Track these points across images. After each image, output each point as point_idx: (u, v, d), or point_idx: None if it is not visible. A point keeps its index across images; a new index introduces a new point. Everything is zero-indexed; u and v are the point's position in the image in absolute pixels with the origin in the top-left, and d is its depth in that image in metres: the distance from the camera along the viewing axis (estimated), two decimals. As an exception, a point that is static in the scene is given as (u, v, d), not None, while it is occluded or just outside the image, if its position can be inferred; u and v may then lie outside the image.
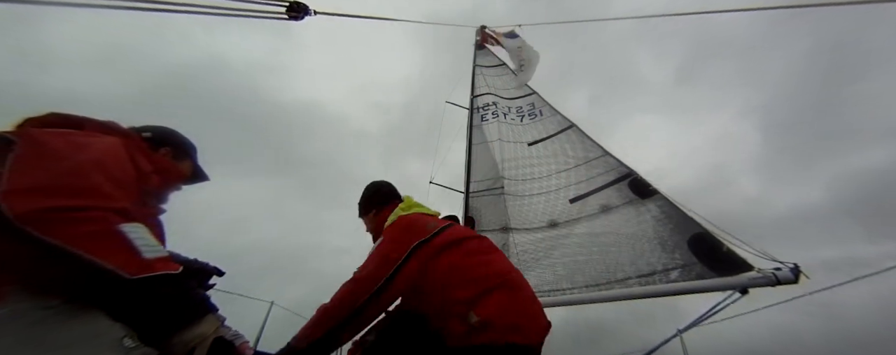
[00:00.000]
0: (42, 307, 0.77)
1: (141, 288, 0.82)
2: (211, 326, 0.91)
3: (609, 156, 4.67)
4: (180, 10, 1.84)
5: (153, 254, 0.87)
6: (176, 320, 0.87)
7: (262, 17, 2.09)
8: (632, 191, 4.09)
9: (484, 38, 7.51)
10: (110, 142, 1.02)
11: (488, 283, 1.37)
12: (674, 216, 3.41)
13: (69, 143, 0.92)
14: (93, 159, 0.91)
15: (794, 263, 2.19)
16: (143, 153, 1.15)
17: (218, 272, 1.59)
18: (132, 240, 0.84)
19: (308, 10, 2.16)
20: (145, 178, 1.10)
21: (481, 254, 1.52)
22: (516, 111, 5.96)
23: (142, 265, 0.82)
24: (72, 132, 1.00)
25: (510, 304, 1.35)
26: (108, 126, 1.13)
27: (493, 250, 1.59)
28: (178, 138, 1.42)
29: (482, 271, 1.42)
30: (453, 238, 1.50)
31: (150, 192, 1.16)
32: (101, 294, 0.82)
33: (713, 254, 2.68)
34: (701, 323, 2.68)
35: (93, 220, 0.81)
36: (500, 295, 1.35)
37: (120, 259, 0.80)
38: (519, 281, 1.48)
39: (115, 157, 0.99)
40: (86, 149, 0.93)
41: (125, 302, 0.83)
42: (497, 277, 1.41)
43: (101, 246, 0.79)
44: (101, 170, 0.91)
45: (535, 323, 1.38)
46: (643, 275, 3.06)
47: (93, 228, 0.80)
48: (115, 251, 0.81)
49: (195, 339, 0.87)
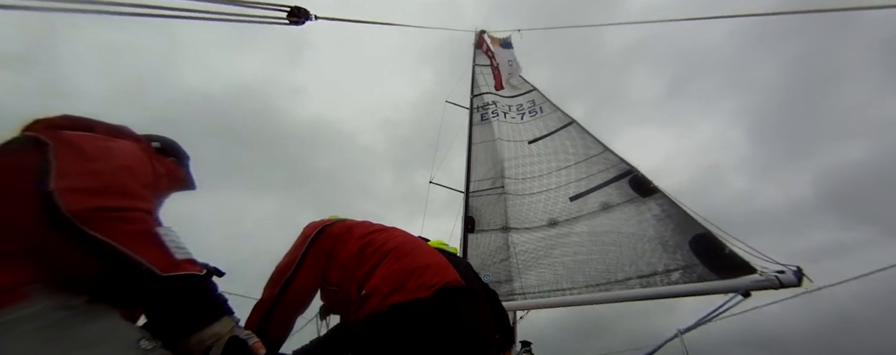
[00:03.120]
0: (63, 307, 0.78)
1: (169, 287, 0.85)
2: (227, 326, 0.94)
3: (609, 152, 4.67)
4: (181, 16, 1.82)
5: (182, 255, 0.90)
6: (197, 319, 0.90)
7: (264, 23, 2.06)
8: (632, 189, 4.09)
9: (480, 44, 7.51)
10: (129, 147, 1.08)
11: (375, 258, 1.37)
12: (675, 215, 3.40)
13: (99, 148, 0.97)
14: (125, 164, 0.97)
15: (796, 266, 2.20)
16: (156, 158, 1.19)
17: (218, 272, 1.62)
18: (165, 242, 0.88)
19: (309, 16, 2.13)
20: (159, 183, 1.15)
21: (373, 232, 1.52)
22: (516, 109, 5.95)
23: (172, 264, 0.86)
24: (96, 136, 1.03)
25: (394, 269, 1.33)
26: (119, 130, 1.15)
27: (384, 228, 1.60)
28: (180, 149, 1.45)
29: (370, 249, 1.42)
30: (345, 226, 1.54)
31: (160, 196, 1.21)
32: (131, 291, 0.86)
33: (715, 255, 2.68)
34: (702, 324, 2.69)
35: (135, 221, 0.86)
36: (386, 264, 1.35)
37: (156, 257, 0.84)
38: (410, 248, 1.46)
39: (140, 162, 1.04)
40: (116, 153, 0.99)
41: (153, 299, 0.88)
42: (384, 250, 1.40)
43: (141, 244, 0.83)
44: (132, 173, 0.97)
45: (423, 276, 1.32)
46: (644, 276, 3.06)
47: (135, 228, 0.85)
48: (152, 250, 0.85)
49: (211, 338, 0.90)
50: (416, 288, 1.26)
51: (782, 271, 2.22)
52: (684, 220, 3.25)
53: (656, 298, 2.77)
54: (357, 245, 1.45)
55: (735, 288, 2.33)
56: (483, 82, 6.67)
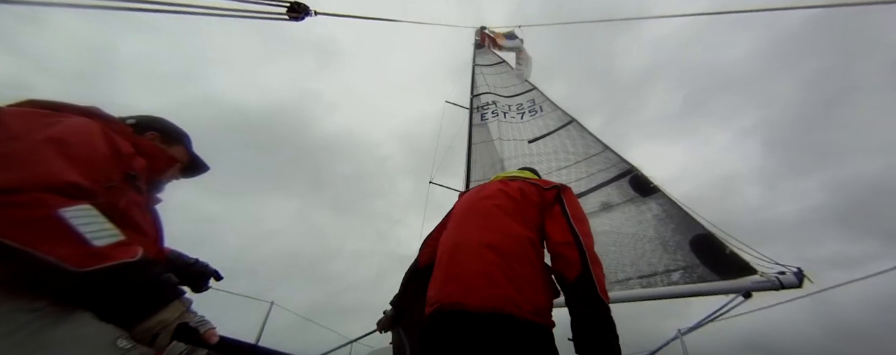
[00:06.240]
0: (26, 310, 0.71)
1: (90, 282, 0.73)
2: (174, 312, 0.85)
3: (609, 151, 4.64)
4: (181, 11, 1.81)
5: (105, 240, 0.77)
6: (137, 309, 0.79)
7: (263, 18, 2.05)
8: (633, 189, 4.06)
9: (483, 39, 7.48)
10: (81, 121, 0.95)
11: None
12: (675, 216, 3.39)
13: (35, 123, 0.85)
14: (50, 136, 0.82)
15: (797, 267, 2.19)
16: (123, 135, 1.08)
17: (216, 276, 1.59)
18: (75, 227, 0.73)
19: (309, 11, 2.12)
20: (127, 161, 1.03)
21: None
22: (516, 108, 5.93)
23: (89, 255, 0.73)
24: (48, 113, 0.92)
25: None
26: (86, 110, 1.06)
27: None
28: (164, 123, 1.35)
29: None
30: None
31: (139, 177, 1.08)
32: (55, 290, 0.74)
33: (716, 255, 2.67)
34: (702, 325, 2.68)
35: (29, 204, 0.71)
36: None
37: (63, 250, 0.70)
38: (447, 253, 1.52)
39: (80, 134, 0.90)
40: (49, 128, 0.85)
41: (80, 297, 0.75)
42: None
43: (40, 235, 0.69)
44: (57, 146, 0.82)
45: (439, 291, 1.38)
46: (644, 276, 3.05)
47: (30, 214, 0.70)
48: (57, 241, 0.70)
49: (158, 326, 0.81)
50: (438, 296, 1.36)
51: (783, 272, 2.21)
52: (685, 221, 3.23)
53: (657, 299, 2.75)
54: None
55: (736, 289, 2.32)
56: (483, 82, 6.65)
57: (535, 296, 1.27)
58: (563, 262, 1.36)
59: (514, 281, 1.26)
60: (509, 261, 1.32)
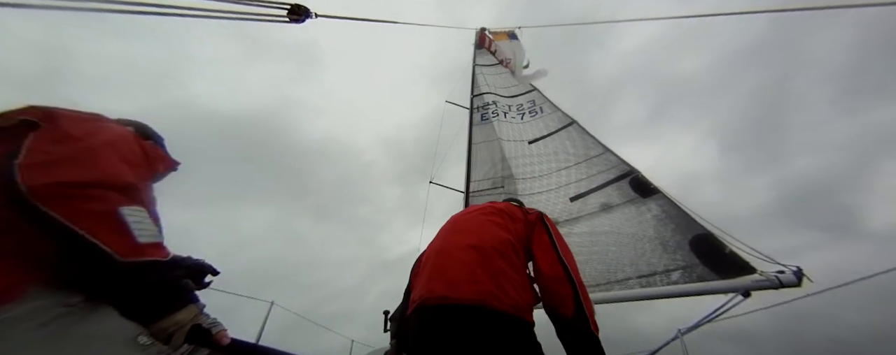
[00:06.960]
0: (61, 304, 0.77)
1: (128, 273, 0.82)
2: (190, 314, 0.91)
3: (610, 153, 4.65)
4: (181, 14, 1.82)
5: (147, 238, 0.87)
6: (158, 307, 0.87)
7: (264, 20, 2.06)
8: (633, 190, 4.07)
9: (482, 40, 7.50)
10: (120, 128, 1.06)
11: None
12: (675, 216, 3.39)
13: (89, 127, 0.95)
14: (107, 140, 0.94)
15: (796, 266, 2.20)
16: (143, 141, 1.16)
17: (213, 271, 1.61)
18: (129, 224, 0.84)
19: (310, 13, 2.13)
20: (153, 165, 1.13)
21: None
22: (516, 109, 5.94)
23: (134, 248, 0.83)
24: (91, 118, 1.02)
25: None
26: (96, 117, 1.11)
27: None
28: (154, 131, 1.42)
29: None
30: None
31: (155, 179, 1.19)
32: (91, 276, 0.82)
33: (715, 255, 2.67)
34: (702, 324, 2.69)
35: (96, 198, 0.81)
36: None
37: (115, 240, 0.80)
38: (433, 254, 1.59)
39: (124, 141, 1.01)
40: (102, 133, 0.96)
41: (113, 286, 0.83)
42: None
43: (101, 225, 0.79)
44: (114, 149, 0.93)
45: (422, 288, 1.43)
46: (644, 276, 3.05)
47: (96, 207, 0.80)
48: (112, 232, 0.81)
49: (173, 326, 0.87)
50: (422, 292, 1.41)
51: (782, 271, 2.22)
52: (684, 220, 3.24)
53: (656, 298, 2.76)
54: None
55: (735, 289, 2.33)
56: (483, 82, 6.66)
57: (516, 294, 1.32)
58: (556, 299, 1.41)
59: (494, 276, 1.33)
60: (491, 259, 1.40)
